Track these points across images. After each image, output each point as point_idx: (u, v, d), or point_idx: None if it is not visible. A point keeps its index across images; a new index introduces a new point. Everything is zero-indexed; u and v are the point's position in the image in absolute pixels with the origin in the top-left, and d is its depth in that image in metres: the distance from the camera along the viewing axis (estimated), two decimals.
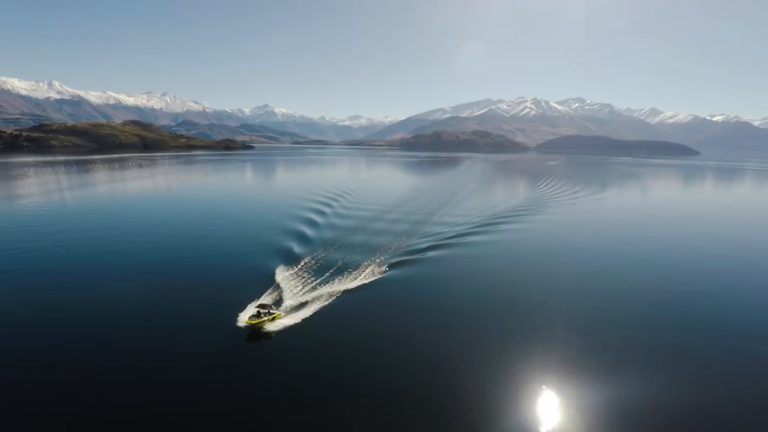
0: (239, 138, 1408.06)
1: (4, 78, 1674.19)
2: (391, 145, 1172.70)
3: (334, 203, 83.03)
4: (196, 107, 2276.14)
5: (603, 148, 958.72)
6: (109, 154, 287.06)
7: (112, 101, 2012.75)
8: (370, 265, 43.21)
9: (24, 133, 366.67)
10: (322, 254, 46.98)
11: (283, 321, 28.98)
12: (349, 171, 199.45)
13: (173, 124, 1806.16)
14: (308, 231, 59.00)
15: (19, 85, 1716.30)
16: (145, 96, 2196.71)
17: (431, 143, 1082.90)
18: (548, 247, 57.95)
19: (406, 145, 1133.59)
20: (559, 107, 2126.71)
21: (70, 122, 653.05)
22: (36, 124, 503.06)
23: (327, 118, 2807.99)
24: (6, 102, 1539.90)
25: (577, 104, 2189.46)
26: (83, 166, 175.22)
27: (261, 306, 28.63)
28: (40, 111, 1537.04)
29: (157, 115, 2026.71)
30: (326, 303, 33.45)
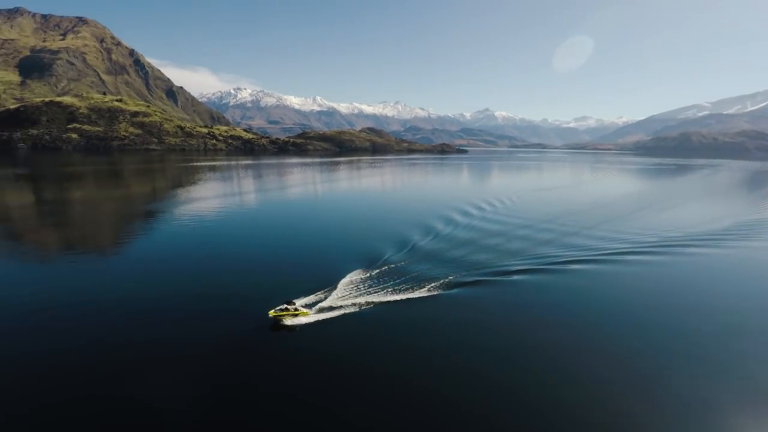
0: (458, 142, 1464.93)
1: (285, 96, 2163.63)
2: (622, 148, 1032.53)
3: (476, 211, 77.40)
4: (422, 113, 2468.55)
5: None
6: (344, 156, 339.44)
7: (356, 111, 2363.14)
8: (437, 280, 39.43)
9: (291, 140, 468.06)
10: (404, 264, 44.09)
11: (305, 319, 30.61)
12: (533, 176, 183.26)
13: (402, 129, 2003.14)
14: (418, 238, 56.23)
15: (294, 101, 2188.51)
16: (380, 105, 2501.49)
17: (676, 147, 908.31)
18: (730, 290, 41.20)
19: (641, 148, 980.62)
20: None
21: (324, 130, 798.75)
22: (300, 132, 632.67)
23: (549, 121, 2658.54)
24: (285, 115, 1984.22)
25: None
26: (311, 167, 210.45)
27: (288, 302, 30.86)
28: (305, 121, 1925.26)
29: (390, 121, 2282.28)
30: (362, 309, 32.99)
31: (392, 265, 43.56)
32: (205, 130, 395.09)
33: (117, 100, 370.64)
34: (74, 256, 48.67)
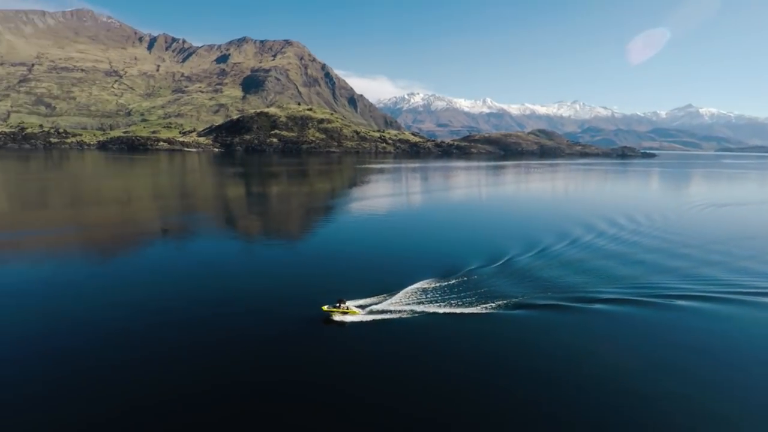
0: (646, 144, 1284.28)
1: (455, 99, 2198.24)
2: None
3: (607, 227, 66.96)
4: (604, 113, 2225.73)
5: None
6: (507, 160, 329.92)
7: (527, 112, 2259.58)
8: (508, 298, 36.37)
9: (455, 143, 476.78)
10: (483, 278, 41.85)
11: (355, 318, 32.56)
12: (721, 188, 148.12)
13: (579, 131, 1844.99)
14: (517, 252, 51.41)
15: (464, 104, 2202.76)
16: (556, 105, 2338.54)
17: None
18: None
19: None
20: None
21: (493, 132, 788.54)
22: (466, 135, 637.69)
23: None
24: (454, 118, 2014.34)
25: None
26: (462, 170, 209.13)
27: (340, 301, 32.90)
28: (474, 123, 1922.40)
29: (564, 122, 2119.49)
30: (415, 316, 33.03)
31: (468, 278, 41.67)
32: (377, 135, 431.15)
33: (308, 109, 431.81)
34: (251, 240, 62.61)
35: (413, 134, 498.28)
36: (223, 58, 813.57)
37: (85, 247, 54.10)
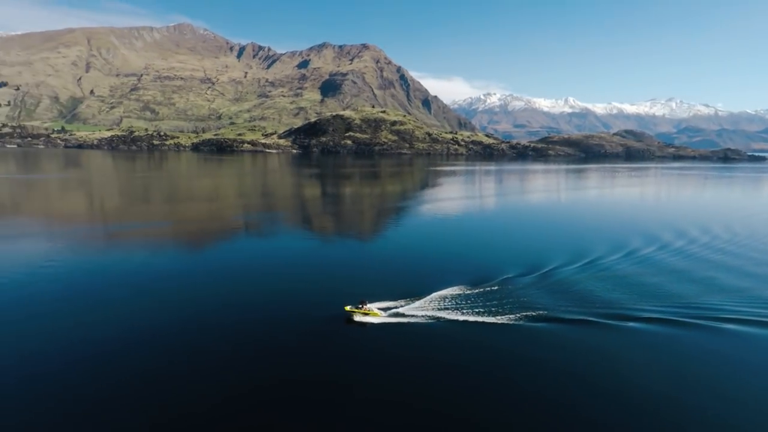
0: (757, 146, 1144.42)
1: (534, 99, 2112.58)
2: None
3: (674, 238, 59.93)
4: (705, 111, 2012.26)
5: None
6: (587, 163, 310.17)
7: (614, 111, 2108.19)
8: (536, 310, 34.49)
9: (531, 144, 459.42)
10: (515, 288, 39.86)
11: (374, 320, 32.84)
12: None
13: (674, 131, 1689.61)
14: (560, 263, 47.76)
15: (543, 104, 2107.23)
16: (647, 104, 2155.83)
17: None
18: None
19: None
20: None
21: (574, 133, 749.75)
22: (545, 136, 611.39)
23: None
24: (533, 118, 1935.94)
25: None
26: (531, 174, 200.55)
27: (362, 302, 33.41)
28: (554, 124, 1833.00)
29: (657, 122, 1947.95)
30: (436, 322, 32.58)
31: (504, 287, 40.03)
32: (449, 136, 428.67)
33: (381, 112, 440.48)
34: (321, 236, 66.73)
35: (487, 135, 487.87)
36: (303, 64, 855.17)
37: (173, 240, 61.38)
